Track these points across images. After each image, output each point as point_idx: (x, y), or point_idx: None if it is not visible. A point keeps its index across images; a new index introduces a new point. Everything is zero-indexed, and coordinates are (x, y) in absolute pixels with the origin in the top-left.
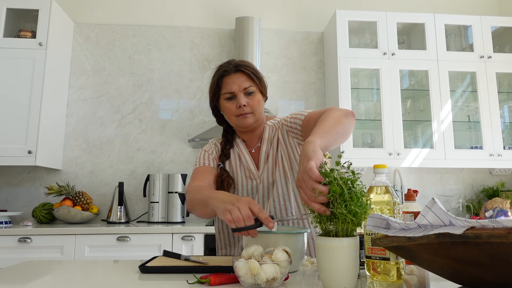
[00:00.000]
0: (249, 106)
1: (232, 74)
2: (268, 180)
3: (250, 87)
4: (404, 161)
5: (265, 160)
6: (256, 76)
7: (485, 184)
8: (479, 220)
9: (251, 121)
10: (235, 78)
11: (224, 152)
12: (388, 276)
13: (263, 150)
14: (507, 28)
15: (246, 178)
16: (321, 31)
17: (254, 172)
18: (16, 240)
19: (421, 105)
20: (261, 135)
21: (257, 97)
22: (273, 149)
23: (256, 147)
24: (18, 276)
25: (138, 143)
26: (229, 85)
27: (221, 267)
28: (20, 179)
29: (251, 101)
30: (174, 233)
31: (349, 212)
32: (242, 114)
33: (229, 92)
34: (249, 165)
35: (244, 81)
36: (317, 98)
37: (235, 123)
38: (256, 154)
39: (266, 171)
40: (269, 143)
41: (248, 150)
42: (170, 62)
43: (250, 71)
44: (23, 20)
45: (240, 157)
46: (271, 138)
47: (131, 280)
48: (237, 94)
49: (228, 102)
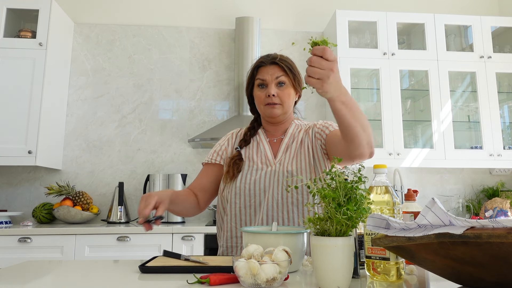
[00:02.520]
0: (278, 97)
1: (267, 66)
2: (285, 169)
3: (281, 77)
4: (404, 161)
5: (284, 151)
6: (291, 70)
7: (485, 184)
8: (479, 220)
9: (279, 112)
10: (270, 69)
11: (245, 138)
12: (388, 276)
13: (285, 142)
14: (507, 28)
15: (262, 164)
16: (321, 31)
17: (270, 159)
18: (16, 240)
19: (421, 105)
20: (286, 130)
21: (288, 90)
22: (296, 143)
23: (278, 138)
24: (18, 276)
25: (138, 143)
26: (263, 73)
27: (221, 267)
28: (20, 179)
29: (281, 92)
30: (174, 233)
31: (344, 215)
32: (270, 103)
33: (261, 79)
34: (266, 152)
35: (278, 71)
36: (317, 98)
37: (263, 112)
38: (276, 144)
39: (284, 160)
40: (292, 137)
41: (268, 139)
42: (170, 62)
43: (285, 65)
44: (23, 20)
45: (259, 144)
46: (295, 133)
47: (131, 280)
48: (269, 83)
49: (259, 90)
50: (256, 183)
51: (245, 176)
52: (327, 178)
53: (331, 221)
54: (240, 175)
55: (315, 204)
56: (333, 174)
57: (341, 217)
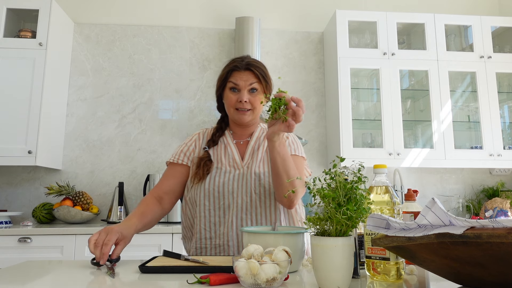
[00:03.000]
0: (249, 103)
1: (241, 71)
2: (253, 172)
3: (254, 84)
4: (404, 161)
5: (251, 154)
6: (264, 77)
7: (485, 184)
8: (479, 220)
9: (249, 118)
10: (243, 75)
11: (213, 139)
12: (388, 276)
13: (251, 145)
14: (507, 28)
15: (230, 167)
16: (321, 31)
17: (238, 162)
18: (16, 240)
19: (421, 105)
20: (252, 133)
21: (259, 96)
22: (262, 149)
23: (244, 141)
24: (18, 276)
25: (138, 143)
26: (236, 78)
27: (221, 267)
28: (20, 179)
29: (252, 98)
30: (174, 233)
31: (343, 215)
32: (241, 109)
33: (235, 83)
34: (234, 155)
35: (252, 78)
36: (317, 98)
37: (233, 115)
38: (243, 147)
39: (252, 164)
40: (258, 141)
41: (235, 141)
42: (170, 62)
43: (260, 72)
44: (23, 20)
45: (226, 147)
46: (260, 137)
47: (131, 280)
48: (242, 88)
49: (231, 92)
50: (225, 186)
51: (214, 178)
52: (326, 178)
53: (331, 221)
54: (208, 177)
55: (315, 204)
56: (333, 174)
57: (341, 217)
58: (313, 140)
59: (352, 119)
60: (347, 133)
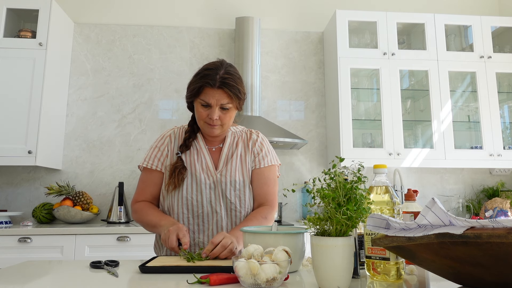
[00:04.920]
0: (219, 120)
1: (214, 89)
2: (228, 180)
3: (227, 104)
4: (404, 161)
5: (225, 162)
6: (237, 96)
7: (485, 184)
8: (479, 220)
9: (218, 132)
10: (216, 94)
11: (186, 143)
12: (388, 276)
13: (224, 152)
14: (507, 28)
15: (204, 174)
16: (321, 31)
17: (211, 170)
18: (16, 240)
19: (421, 105)
20: (224, 138)
21: (231, 113)
22: (236, 157)
23: (217, 147)
24: (18, 276)
25: (138, 143)
26: (208, 96)
27: (221, 267)
28: (20, 179)
29: (223, 116)
30: None
31: (343, 215)
32: (210, 124)
33: (206, 101)
34: (207, 162)
35: (224, 98)
36: (317, 98)
37: (202, 128)
38: (215, 153)
39: (226, 172)
40: (231, 148)
41: (208, 147)
42: (170, 62)
43: (233, 92)
44: (23, 20)
45: (199, 152)
46: (232, 143)
47: (131, 280)
48: (213, 106)
49: (202, 107)
50: (203, 194)
51: (191, 185)
52: (326, 178)
53: (331, 221)
54: (185, 185)
55: (315, 204)
56: (333, 174)
57: (341, 217)
58: (313, 140)
59: (352, 119)
60: (347, 133)
